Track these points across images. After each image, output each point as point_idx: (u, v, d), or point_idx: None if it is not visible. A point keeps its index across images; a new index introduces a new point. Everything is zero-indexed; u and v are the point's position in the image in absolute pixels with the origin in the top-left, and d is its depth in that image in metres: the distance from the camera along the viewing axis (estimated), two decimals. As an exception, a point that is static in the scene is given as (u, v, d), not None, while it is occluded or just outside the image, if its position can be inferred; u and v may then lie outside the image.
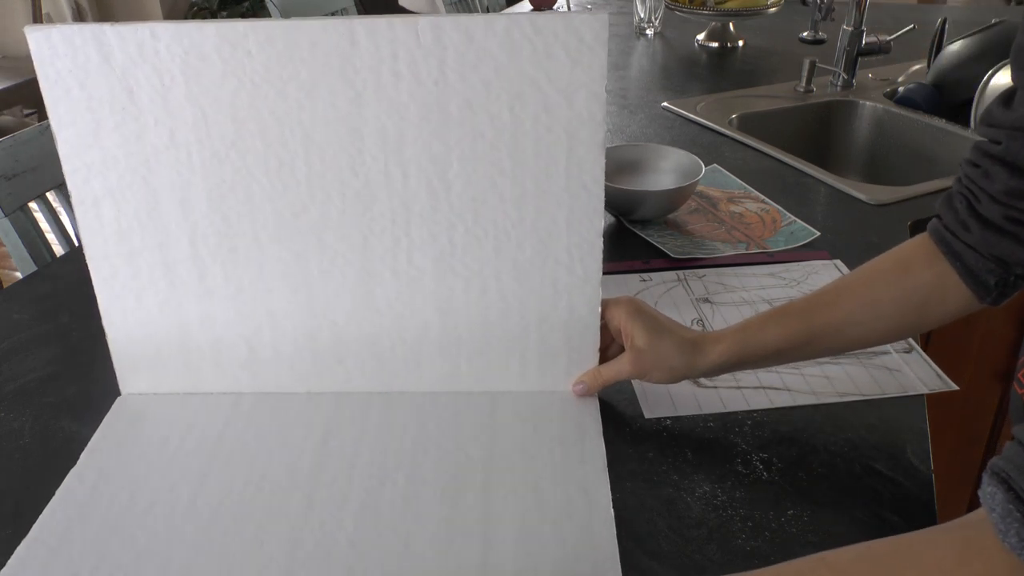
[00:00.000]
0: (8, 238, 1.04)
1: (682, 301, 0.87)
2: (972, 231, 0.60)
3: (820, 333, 0.66)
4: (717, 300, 0.87)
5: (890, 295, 0.65)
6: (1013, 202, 0.58)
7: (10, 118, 3.11)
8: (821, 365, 0.76)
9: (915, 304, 0.64)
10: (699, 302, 0.87)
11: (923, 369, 0.76)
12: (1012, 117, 0.58)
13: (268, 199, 0.67)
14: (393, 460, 0.66)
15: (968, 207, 0.61)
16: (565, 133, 0.65)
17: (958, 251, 0.62)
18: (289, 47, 0.62)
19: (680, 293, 0.88)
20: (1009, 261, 0.60)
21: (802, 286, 0.90)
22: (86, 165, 0.66)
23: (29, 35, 0.62)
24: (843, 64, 1.51)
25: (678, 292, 0.88)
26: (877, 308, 0.65)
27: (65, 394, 0.76)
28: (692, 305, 0.86)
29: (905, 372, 0.76)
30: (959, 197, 0.62)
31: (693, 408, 0.72)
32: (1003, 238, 0.59)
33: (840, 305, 0.66)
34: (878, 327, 0.66)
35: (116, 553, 0.59)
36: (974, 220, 0.60)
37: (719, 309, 0.85)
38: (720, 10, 1.83)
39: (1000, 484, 0.39)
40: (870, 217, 1.07)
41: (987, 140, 0.60)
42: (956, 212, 0.62)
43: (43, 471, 0.67)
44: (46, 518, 0.62)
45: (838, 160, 1.52)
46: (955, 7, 2.58)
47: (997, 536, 0.39)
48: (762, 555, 0.57)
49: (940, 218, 0.64)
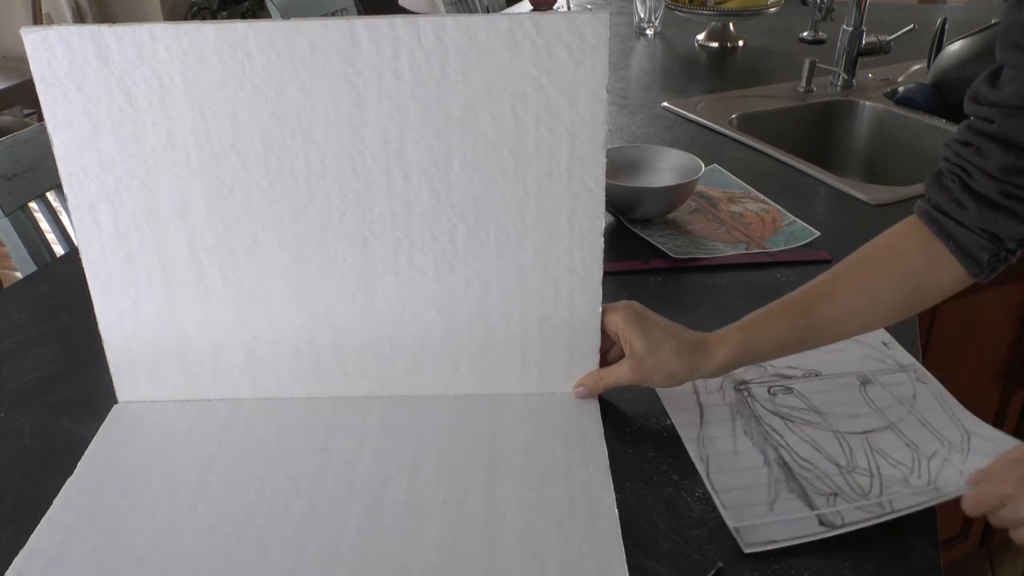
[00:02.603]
0: (8, 238, 1.04)
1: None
2: (967, 208, 0.62)
3: (820, 326, 0.67)
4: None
5: (886, 283, 0.66)
6: (1008, 177, 0.60)
7: (10, 118, 3.11)
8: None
9: (911, 288, 0.66)
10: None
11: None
12: (1002, 95, 0.59)
13: (268, 201, 0.67)
14: (395, 464, 0.66)
15: (961, 185, 0.62)
16: (567, 133, 0.65)
17: (950, 230, 0.63)
18: (289, 48, 0.62)
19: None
20: (1003, 236, 0.62)
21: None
22: (83, 168, 0.66)
23: (25, 37, 0.62)
24: (843, 64, 1.51)
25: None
26: (874, 296, 0.66)
27: (65, 394, 0.76)
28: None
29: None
30: (950, 176, 0.63)
31: (794, 533, 0.59)
32: (998, 213, 0.61)
33: (838, 297, 0.67)
34: (876, 315, 0.67)
35: (115, 562, 0.58)
36: (969, 197, 0.62)
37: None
38: (720, 10, 1.83)
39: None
40: (870, 217, 1.07)
41: (977, 118, 0.61)
42: (948, 191, 0.63)
43: (43, 471, 0.67)
44: (44, 528, 0.61)
45: (838, 160, 1.52)
46: (955, 7, 2.58)
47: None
48: (762, 555, 0.57)
49: (929, 199, 0.65)
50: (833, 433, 0.69)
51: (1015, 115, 0.59)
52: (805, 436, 0.69)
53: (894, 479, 0.64)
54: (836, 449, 0.67)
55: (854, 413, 0.71)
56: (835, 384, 0.75)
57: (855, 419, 0.70)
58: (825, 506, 0.61)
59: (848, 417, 0.71)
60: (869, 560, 0.57)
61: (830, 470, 0.65)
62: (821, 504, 0.61)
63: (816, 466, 0.65)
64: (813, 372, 0.76)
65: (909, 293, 0.66)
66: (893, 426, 0.69)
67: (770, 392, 0.74)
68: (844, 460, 0.66)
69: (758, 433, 0.69)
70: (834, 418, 0.71)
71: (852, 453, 0.67)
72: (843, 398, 0.73)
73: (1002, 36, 0.60)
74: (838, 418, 0.71)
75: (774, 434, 0.69)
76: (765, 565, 0.56)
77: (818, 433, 0.69)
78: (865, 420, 0.70)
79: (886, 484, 0.63)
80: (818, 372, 0.76)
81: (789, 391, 0.74)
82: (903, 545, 0.58)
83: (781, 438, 0.69)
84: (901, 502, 0.61)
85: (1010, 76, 0.59)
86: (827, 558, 0.57)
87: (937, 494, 0.61)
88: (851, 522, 0.59)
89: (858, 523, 0.59)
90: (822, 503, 0.62)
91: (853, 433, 0.69)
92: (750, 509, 0.61)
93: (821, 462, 0.66)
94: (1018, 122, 0.59)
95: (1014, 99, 0.58)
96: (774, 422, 0.70)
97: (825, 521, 0.60)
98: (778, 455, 0.67)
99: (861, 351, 0.78)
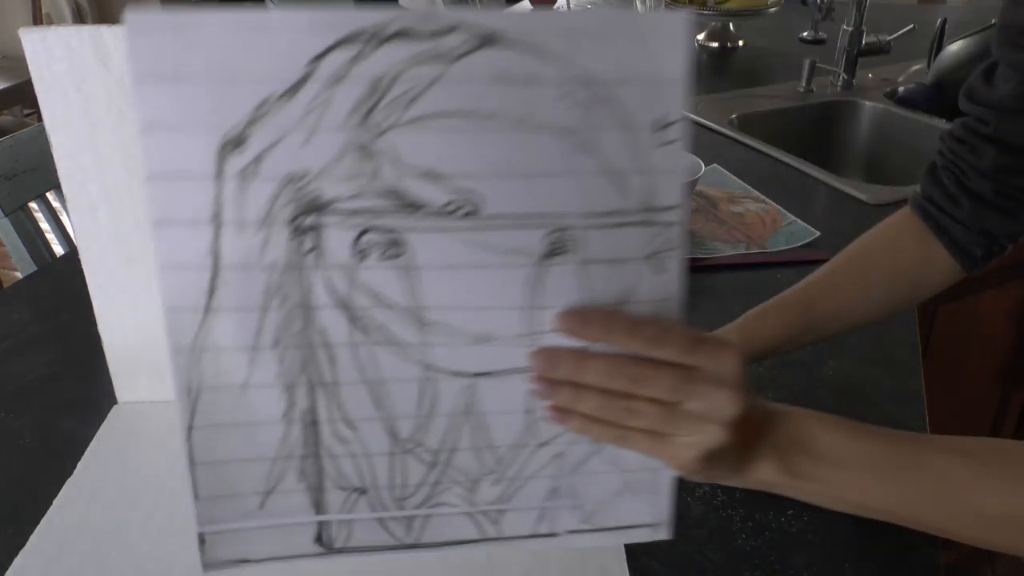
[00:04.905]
0: (8, 238, 1.04)
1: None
2: (962, 205, 0.62)
3: (819, 322, 0.67)
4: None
5: (882, 277, 0.66)
6: (1003, 177, 0.60)
7: (10, 118, 3.11)
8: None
9: (906, 282, 0.66)
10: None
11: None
12: (997, 96, 0.59)
13: (267, 200, 0.66)
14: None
15: (957, 182, 0.63)
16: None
17: (945, 226, 0.64)
18: (288, 47, 0.61)
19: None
20: (996, 233, 0.62)
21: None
22: (82, 169, 0.66)
23: (24, 37, 0.62)
24: (843, 64, 1.51)
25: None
26: (871, 291, 0.66)
27: (65, 394, 0.76)
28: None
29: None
30: (946, 172, 0.64)
31: (278, 549, 0.43)
32: (992, 212, 0.61)
33: (835, 293, 0.67)
34: (872, 309, 0.67)
35: (114, 563, 0.58)
36: (964, 195, 0.62)
37: None
38: (720, 10, 1.83)
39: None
40: (870, 217, 1.06)
41: (972, 118, 0.62)
42: (944, 187, 0.64)
43: (43, 471, 0.67)
44: (43, 528, 0.61)
45: (838, 160, 1.52)
46: (955, 7, 2.58)
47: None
48: (762, 555, 0.57)
49: (924, 192, 0.65)
50: (423, 372, 0.40)
51: (1011, 118, 0.59)
52: (371, 371, 0.40)
53: (458, 480, 0.43)
54: (410, 402, 0.40)
55: (486, 332, 0.40)
56: (494, 251, 0.39)
57: (480, 347, 0.40)
58: (339, 509, 0.41)
59: (471, 342, 0.40)
60: (869, 560, 0.57)
61: (378, 445, 0.41)
62: (335, 505, 0.41)
63: (360, 436, 0.41)
64: (471, 195, 0.37)
65: (904, 286, 0.66)
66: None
67: (358, 246, 0.38)
68: (411, 426, 0.41)
69: (296, 351, 0.39)
70: (441, 338, 0.40)
71: (433, 411, 0.41)
72: (490, 289, 0.39)
73: (1000, 33, 0.60)
74: (449, 340, 0.40)
75: (322, 356, 0.40)
76: (766, 565, 0.56)
77: (397, 368, 0.40)
78: (496, 350, 0.40)
79: (441, 488, 0.43)
80: (478, 201, 0.38)
81: (397, 249, 0.38)
82: (903, 545, 0.58)
83: (331, 369, 0.40)
84: (436, 529, 0.43)
85: (1006, 75, 0.59)
86: (827, 558, 0.57)
87: (495, 535, 0.43)
88: (356, 547, 0.42)
89: (365, 549, 0.42)
90: (336, 504, 0.41)
91: (457, 375, 0.41)
92: (234, 503, 0.41)
93: (371, 431, 0.40)
94: (1013, 125, 0.59)
95: (1010, 101, 0.58)
96: (333, 327, 0.39)
97: (325, 538, 0.42)
98: (311, 406, 0.40)
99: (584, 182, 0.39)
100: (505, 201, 0.38)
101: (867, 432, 0.43)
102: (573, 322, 0.39)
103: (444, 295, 0.39)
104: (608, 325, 0.39)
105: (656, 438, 0.40)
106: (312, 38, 0.35)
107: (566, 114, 0.37)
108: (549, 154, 0.37)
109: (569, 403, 0.40)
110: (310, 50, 0.35)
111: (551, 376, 0.40)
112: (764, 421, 0.43)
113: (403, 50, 0.35)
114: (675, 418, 0.39)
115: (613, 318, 0.39)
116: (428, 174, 0.37)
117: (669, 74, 0.37)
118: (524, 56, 0.36)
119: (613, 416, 0.39)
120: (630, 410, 0.39)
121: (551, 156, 0.37)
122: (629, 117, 0.37)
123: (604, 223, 0.39)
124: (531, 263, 0.39)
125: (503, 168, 0.37)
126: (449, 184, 0.37)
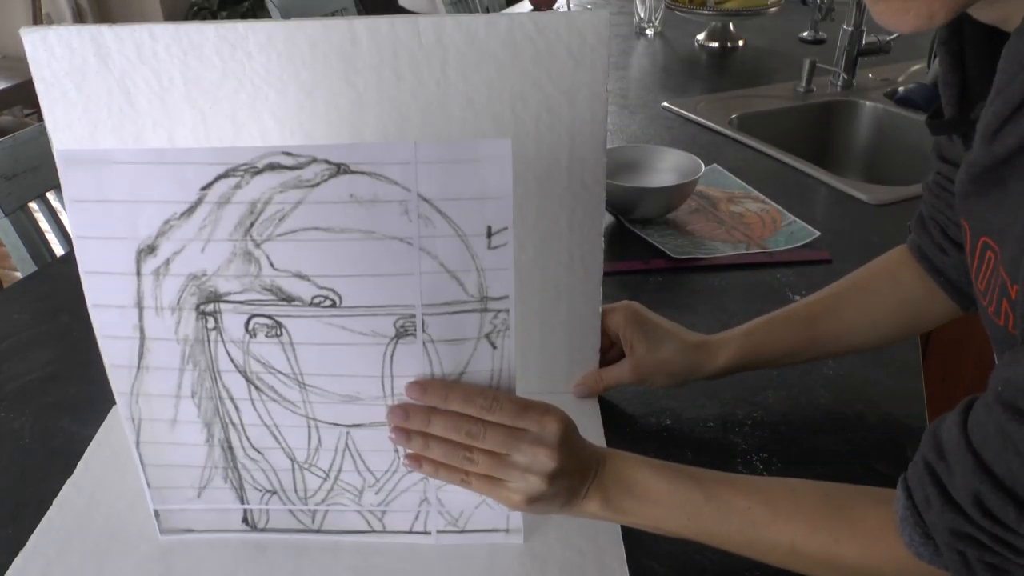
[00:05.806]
0: (8, 238, 1.04)
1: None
2: (949, 254, 0.63)
3: (822, 339, 0.68)
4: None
5: (885, 306, 0.67)
6: None
7: (10, 118, 3.11)
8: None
9: (908, 314, 0.67)
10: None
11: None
12: (961, 152, 0.59)
13: (267, 200, 0.67)
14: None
15: (942, 232, 0.64)
16: (567, 133, 0.65)
17: (940, 267, 0.65)
18: (289, 48, 0.62)
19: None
20: None
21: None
22: None
23: (25, 37, 0.62)
24: (843, 64, 1.51)
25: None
26: (874, 317, 0.67)
27: (65, 394, 0.76)
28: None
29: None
30: (931, 222, 0.65)
31: (214, 524, 0.59)
32: None
33: (840, 314, 0.68)
34: (873, 336, 0.69)
35: (115, 563, 0.58)
36: (949, 244, 0.64)
37: None
38: (720, 10, 1.83)
39: (904, 491, 0.46)
40: (870, 217, 1.07)
41: (942, 175, 0.62)
42: (931, 236, 0.65)
43: (43, 471, 0.67)
44: (43, 528, 0.61)
45: (838, 160, 1.52)
46: (955, 7, 2.58)
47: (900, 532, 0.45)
48: (763, 556, 0.57)
49: (915, 240, 0.67)
50: (307, 421, 0.54)
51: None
52: (267, 418, 0.54)
53: (347, 488, 0.57)
54: (301, 440, 0.55)
55: (354, 394, 0.52)
56: (354, 332, 0.51)
57: (350, 404, 0.53)
58: (257, 502, 0.57)
59: (342, 400, 0.53)
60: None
61: (281, 464, 0.56)
62: (254, 499, 0.57)
63: (266, 458, 0.56)
64: (332, 292, 0.49)
65: (906, 318, 0.67)
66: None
67: (249, 328, 0.51)
68: (304, 455, 0.55)
69: (209, 401, 0.54)
70: (318, 397, 0.53)
71: (320, 447, 0.55)
72: (353, 362, 0.51)
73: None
74: (325, 399, 0.53)
75: (229, 406, 0.54)
76: (765, 565, 0.56)
77: (287, 417, 0.54)
78: (363, 408, 0.53)
79: (335, 493, 0.57)
80: (338, 296, 0.49)
81: (278, 330, 0.51)
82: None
83: (237, 414, 0.54)
84: (333, 520, 0.58)
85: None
86: (827, 558, 0.57)
87: (380, 528, 0.58)
88: (274, 528, 0.58)
89: (281, 530, 0.57)
90: (255, 499, 0.57)
91: (335, 424, 0.54)
92: (177, 492, 0.56)
93: (274, 455, 0.55)
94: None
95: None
96: (235, 386, 0.53)
97: (249, 520, 0.58)
98: (225, 436, 0.55)
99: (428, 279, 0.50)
100: (360, 295, 0.49)
101: (681, 474, 0.52)
102: (415, 392, 0.50)
103: (317, 365, 0.52)
104: (445, 395, 0.49)
105: (492, 482, 0.50)
106: (202, 170, 0.46)
107: (407, 226, 0.47)
108: (394, 258, 0.48)
109: (420, 450, 0.50)
110: (201, 180, 0.47)
111: (405, 427, 0.50)
112: (595, 465, 0.52)
113: (274, 179, 0.47)
114: (504, 467, 0.49)
115: (450, 388, 0.50)
116: (298, 275, 0.49)
117: (496, 191, 0.47)
118: (370, 181, 0.46)
119: (456, 462, 0.50)
120: (469, 459, 0.49)
121: (396, 260, 0.48)
122: (463, 227, 0.48)
123: (444, 311, 0.49)
124: (385, 342, 0.50)
125: (357, 270, 0.48)
126: (314, 283, 0.49)
